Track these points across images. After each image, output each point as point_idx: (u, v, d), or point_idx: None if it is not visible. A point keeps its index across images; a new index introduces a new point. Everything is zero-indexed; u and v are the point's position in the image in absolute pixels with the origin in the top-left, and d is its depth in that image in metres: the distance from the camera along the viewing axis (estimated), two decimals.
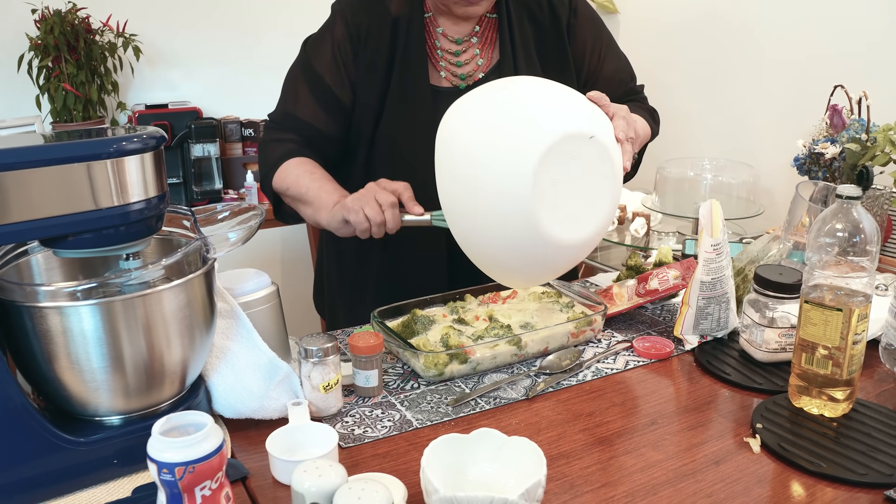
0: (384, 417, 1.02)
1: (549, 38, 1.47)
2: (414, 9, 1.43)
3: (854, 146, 1.50)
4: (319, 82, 1.43)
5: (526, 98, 1.10)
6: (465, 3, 1.37)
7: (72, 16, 2.35)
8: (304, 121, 1.43)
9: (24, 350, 0.84)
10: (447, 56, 1.44)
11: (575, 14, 1.48)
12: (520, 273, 1.17)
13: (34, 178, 0.79)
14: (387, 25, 1.42)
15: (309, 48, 1.47)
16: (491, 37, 1.46)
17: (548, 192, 1.04)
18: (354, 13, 1.43)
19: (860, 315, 0.98)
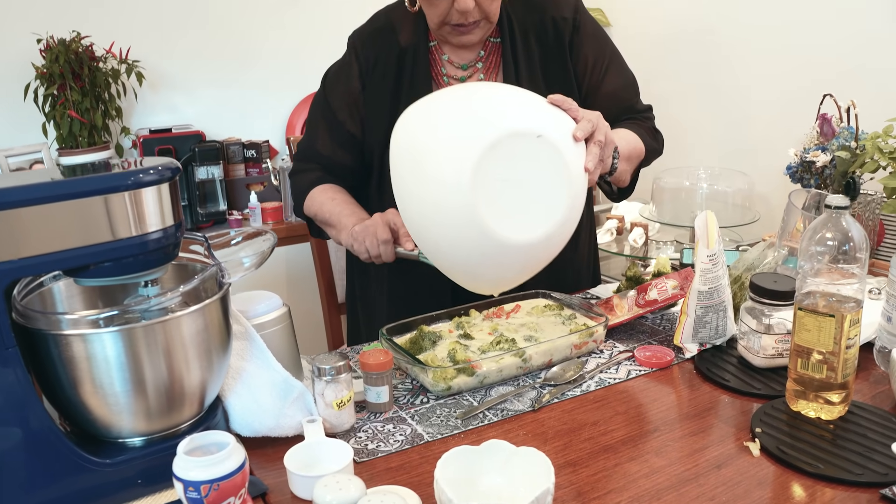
0: (396, 432, 1.06)
1: (553, 57, 1.50)
2: (419, 38, 1.49)
3: (844, 154, 1.54)
4: (333, 118, 1.54)
5: (476, 97, 1.13)
6: (457, 33, 1.42)
7: (76, 44, 2.39)
8: (323, 154, 1.56)
9: (50, 376, 0.88)
10: (453, 82, 1.49)
11: (577, 31, 1.51)
12: (482, 277, 1.20)
13: (56, 212, 0.83)
14: (394, 56, 1.49)
15: (327, 83, 1.58)
16: (496, 61, 1.50)
17: (492, 188, 1.06)
18: (365, 46, 1.52)
19: (852, 320, 1.02)
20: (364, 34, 1.55)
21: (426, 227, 1.13)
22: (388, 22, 1.53)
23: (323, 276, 2.10)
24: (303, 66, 2.86)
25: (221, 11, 2.74)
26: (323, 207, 1.50)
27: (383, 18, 1.54)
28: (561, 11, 1.50)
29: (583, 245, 1.64)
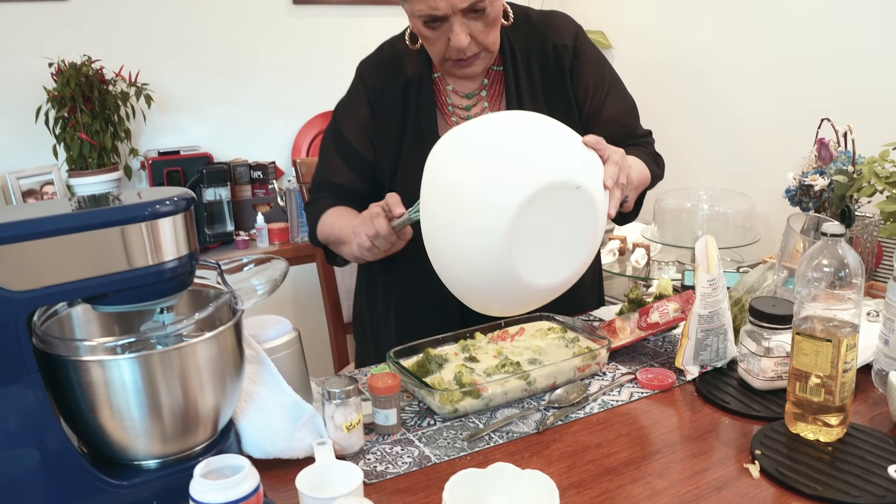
0: (404, 454, 1.08)
1: (555, 83, 1.53)
2: (424, 69, 1.53)
3: (841, 178, 1.57)
4: (347, 146, 1.58)
5: (516, 134, 1.13)
6: (459, 67, 1.45)
7: (87, 68, 2.43)
8: (338, 183, 1.59)
9: (69, 400, 0.90)
10: (458, 111, 1.53)
11: (577, 57, 1.54)
12: (495, 305, 1.23)
13: (75, 242, 0.86)
14: (400, 86, 1.53)
15: (338, 113, 1.62)
16: (499, 89, 1.54)
17: (524, 234, 1.08)
18: (371, 75, 1.56)
19: (848, 345, 1.04)
20: (371, 64, 1.59)
21: (452, 259, 1.14)
22: (394, 53, 1.57)
23: (329, 297, 2.13)
24: (308, 88, 2.90)
25: (228, 35, 2.79)
26: (332, 227, 1.53)
27: (389, 49, 1.58)
28: (562, 38, 1.53)
29: (588, 269, 1.67)
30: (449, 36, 1.38)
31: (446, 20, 1.36)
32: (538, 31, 1.54)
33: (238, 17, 2.80)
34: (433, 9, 1.34)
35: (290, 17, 2.88)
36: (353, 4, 2.97)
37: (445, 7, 1.33)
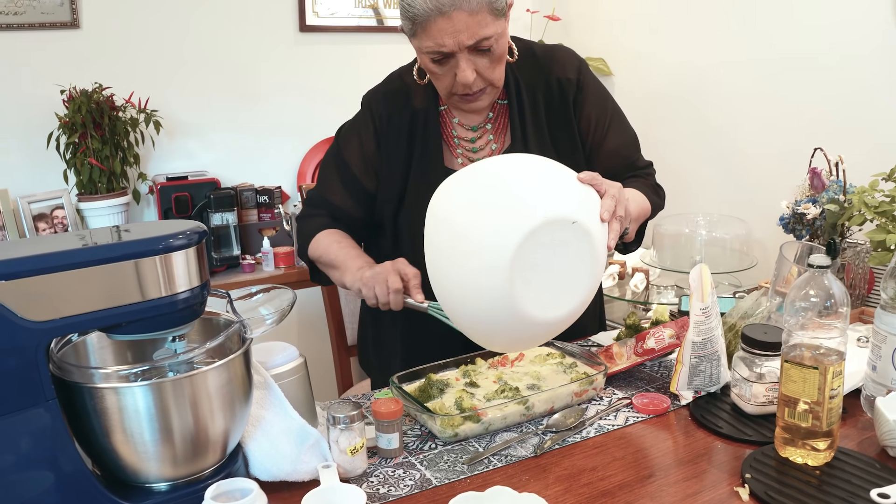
0: (406, 477, 1.12)
1: (559, 117, 1.57)
2: (430, 102, 1.57)
3: (833, 207, 1.62)
4: (347, 171, 1.60)
5: (513, 177, 1.18)
6: (465, 101, 1.49)
7: (97, 94, 2.49)
8: (334, 204, 1.61)
9: (84, 425, 0.94)
10: (463, 143, 1.58)
11: (581, 90, 1.58)
12: (499, 341, 1.26)
13: (92, 275, 0.90)
14: (407, 117, 1.57)
15: (340, 138, 1.65)
16: (504, 122, 1.58)
17: (526, 271, 1.12)
18: (379, 105, 1.60)
19: (835, 372, 1.08)
20: (379, 94, 1.62)
21: (455, 296, 1.18)
22: (402, 85, 1.60)
23: (333, 320, 2.17)
24: (313, 114, 2.96)
25: (236, 62, 2.85)
26: (329, 250, 1.55)
27: (398, 81, 1.62)
28: (565, 73, 1.58)
29: None
30: (455, 72, 1.42)
31: (453, 56, 1.41)
32: (542, 66, 1.58)
33: (246, 45, 2.86)
34: (440, 45, 1.38)
35: (296, 45, 2.95)
36: (358, 32, 3.03)
37: (452, 44, 1.38)
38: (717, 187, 2.67)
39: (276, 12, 2.91)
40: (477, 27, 1.36)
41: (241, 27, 2.85)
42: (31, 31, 2.50)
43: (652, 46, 2.88)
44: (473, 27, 1.36)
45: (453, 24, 1.36)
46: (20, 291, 0.86)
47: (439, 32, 1.37)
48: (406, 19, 1.41)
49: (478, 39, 1.37)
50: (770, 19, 2.39)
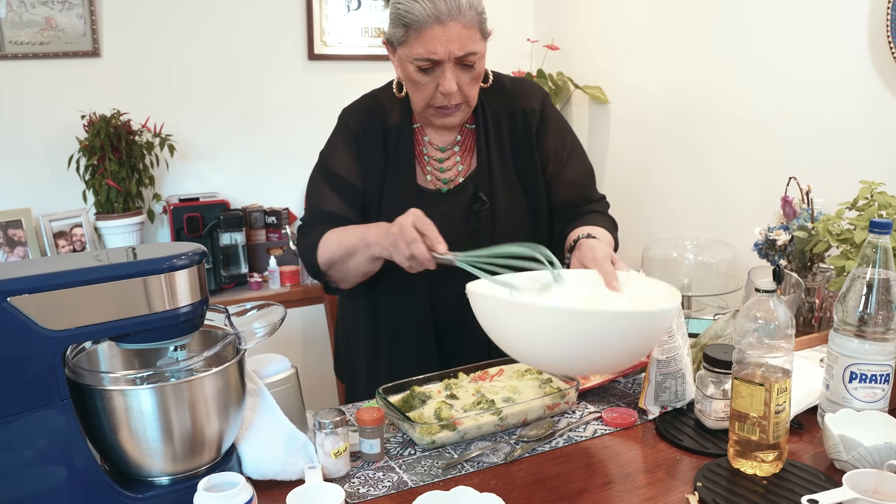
0: (385, 479, 1.22)
1: (521, 145, 1.67)
2: (404, 120, 1.66)
3: (802, 234, 1.71)
4: (335, 177, 1.66)
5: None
6: (440, 115, 1.58)
7: (115, 119, 2.63)
8: (329, 211, 1.64)
9: (94, 424, 1.06)
10: (433, 162, 1.67)
11: (544, 122, 1.69)
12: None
13: (104, 290, 1.02)
14: (380, 132, 1.65)
15: (323, 153, 1.72)
16: (470, 145, 1.68)
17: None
18: (354, 119, 1.68)
19: (779, 389, 1.18)
20: (354, 110, 1.71)
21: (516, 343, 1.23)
22: (377, 103, 1.69)
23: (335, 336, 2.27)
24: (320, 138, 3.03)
25: (247, 88, 2.99)
26: (339, 244, 1.57)
27: (373, 100, 1.71)
28: (531, 104, 1.69)
29: None
30: (439, 81, 1.51)
31: (439, 66, 1.50)
32: (510, 96, 1.69)
33: (257, 72, 3.01)
34: (431, 53, 1.48)
35: (304, 73, 3.08)
36: (363, 60, 3.17)
37: (443, 53, 1.48)
38: (705, 213, 2.76)
39: (286, 41, 3.05)
40: (468, 40, 1.47)
41: (253, 56, 2.99)
42: (56, 59, 2.65)
43: (645, 77, 2.99)
44: (465, 40, 1.47)
45: (448, 33, 1.46)
46: (41, 304, 0.97)
47: (433, 40, 1.46)
48: (400, 26, 1.50)
49: (466, 52, 1.48)
50: (757, 55, 2.50)
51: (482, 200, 1.65)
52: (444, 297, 1.64)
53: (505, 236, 1.64)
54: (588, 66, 3.26)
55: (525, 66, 3.33)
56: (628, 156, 3.15)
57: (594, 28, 3.23)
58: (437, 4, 1.45)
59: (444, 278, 1.49)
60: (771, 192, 2.08)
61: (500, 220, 1.66)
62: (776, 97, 2.46)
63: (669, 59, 2.86)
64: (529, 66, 3.34)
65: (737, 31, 2.56)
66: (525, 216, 1.69)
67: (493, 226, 1.66)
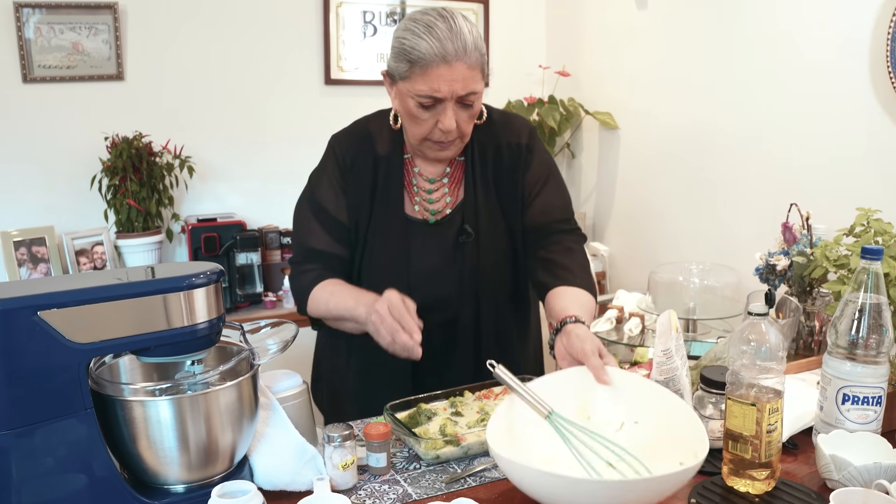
0: (390, 491, 1.27)
1: (506, 179, 1.69)
2: (395, 150, 1.67)
3: (801, 259, 1.76)
4: (323, 211, 1.66)
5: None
6: (437, 148, 1.59)
7: (137, 141, 2.72)
8: (319, 249, 1.66)
9: (114, 433, 1.11)
10: (421, 192, 1.68)
11: (529, 154, 1.70)
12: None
13: (127, 306, 1.08)
14: (370, 161, 1.66)
15: (312, 181, 1.73)
16: (458, 177, 1.69)
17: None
18: (342, 147, 1.69)
19: (771, 409, 1.22)
20: (343, 138, 1.71)
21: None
22: (367, 131, 1.69)
23: None
24: None
25: (265, 112, 3.09)
26: (328, 306, 1.59)
27: (363, 128, 1.71)
28: (517, 138, 1.71)
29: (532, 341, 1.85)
30: (439, 118, 1.52)
31: (441, 102, 1.51)
32: (498, 130, 1.70)
33: (275, 97, 3.09)
34: (435, 91, 1.49)
35: (321, 97, 3.17)
36: (378, 85, 3.22)
37: (446, 91, 1.49)
38: (710, 238, 2.81)
39: (303, 66, 3.14)
40: (471, 80, 1.51)
41: (272, 80, 3.08)
42: (81, 82, 2.75)
43: (654, 104, 3.05)
44: (468, 80, 1.50)
45: (453, 73, 1.48)
46: (68, 318, 1.04)
47: (438, 78, 1.48)
48: (404, 61, 1.51)
49: (468, 92, 1.51)
50: (761, 85, 2.55)
51: (468, 232, 1.67)
52: (429, 323, 1.66)
53: (489, 268, 1.68)
54: (598, 93, 3.33)
55: (537, 92, 3.40)
56: (636, 180, 3.20)
57: (605, 56, 3.30)
58: (445, 44, 1.47)
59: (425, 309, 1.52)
60: (774, 219, 2.13)
61: (484, 251, 1.68)
62: (779, 126, 2.51)
63: (677, 88, 2.92)
64: (541, 91, 3.41)
65: (742, 64, 2.62)
66: (506, 247, 1.71)
67: (477, 256, 1.68)
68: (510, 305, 1.76)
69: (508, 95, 3.34)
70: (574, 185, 3.58)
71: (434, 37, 1.47)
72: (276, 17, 3.07)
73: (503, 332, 1.75)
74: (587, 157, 3.48)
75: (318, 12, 3.13)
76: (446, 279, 1.68)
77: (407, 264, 1.65)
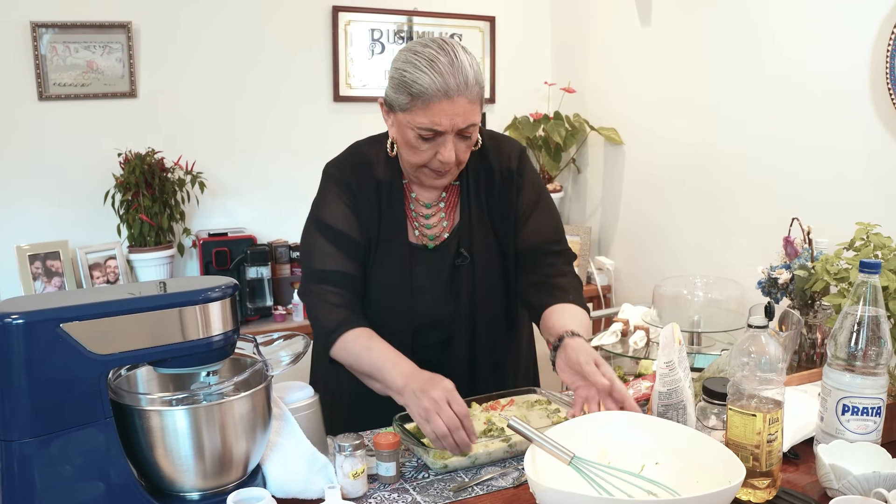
0: (399, 500, 1.30)
1: (499, 202, 1.71)
2: (395, 175, 1.67)
3: (802, 273, 1.79)
4: (332, 231, 1.64)
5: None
6: (434, 176, 1.60)
7: (150, 157, 2.77)
8: (333, 270, 1.62)
9: (132, 441, 1.15)
10: (419, 218, 1.69)
11: (521, 178, 1.72)
12: None
13: (145, 319, 1.12)
14: (373, 188, 1.66)
15: (315, 209, 1.70)
16: (454, 201, 1.71)
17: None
18: (344, 173, 1.67)
19: (771, 419, 1.25)
20: (343, 165, 1.69)
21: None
22: (364, 158, 1.69)
23: None
24: None
25: (275, 128, 3.14)
26: (360, 361, 1.53)
27: (360, 154, 1.70)
28: (508, 163, 1.72)
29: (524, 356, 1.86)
30: (438, 149, 1.53)
31: (441, 135, 1.51)
32: (490, 154, 1.72)
33: (284, 113, 3.15)
34: (435, 124, 1.49)
35: (330, 114, 3.22)
36: None
37: (447, 125, 1.49)
38: (714, 251, 2.84)
39: (312, 83, 3.20)
40: (471, 114, 1.52)
41: (281, 98, 3.13)
42: (95, 100, 2.80)
43: (658, 119, 3.09)
44: (469, 113, 1.51)
45: (454, 107, 1.48)
46: (89, 330, 1.08)
47: (439, 112, 1.48)
48: (405, 94, 1.50)
49: (468, 125, 1.52)
50: (763, 102, 2.59)
51: (464, 256, 1.69)
52: (426, 342, 1.70)
53: (483, 290, 1.71)
54: (603, 109, 3.37)
55: (543, 108, 3.44)
56: (641, 195, 3.23)
57: (609, 72, 3.35)
58: (447, 79, 1.47)
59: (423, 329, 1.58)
60: (776, 233, 2.16)
61: (480, 274, 1.70)
62: (781, 142, 2.54)
63: (681, 105, 2.96)
64: (547, 107, 3.45)
65: (745, 80, 2.66)
66: (499, 270, 1.73)
67: (472, 279, 1.70)
68: (504, 322, 1.77)
69: (515, 111, 3.38)
70: (579, 200, 3.62)
71: (436, 71, 1.47)
72: (286, 36, 3.12)
73: (497, 348, 1.77)
74: (592, 173, 3.52)
75: (326, 30, 3.19)
76: (444, 301, 1.70)
77: (410, 291, 1.67)
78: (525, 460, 1.21)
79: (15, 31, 2.67)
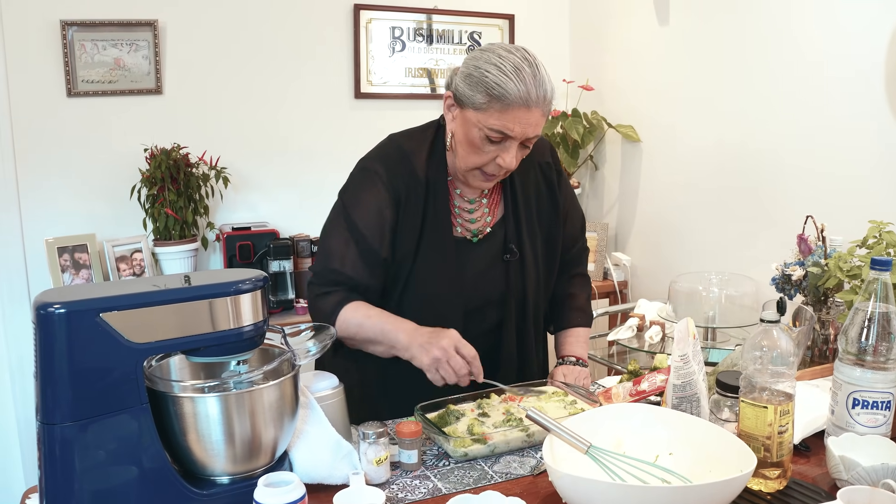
0: (421, 486, 1.35)
1: (543, 196, 1.78)
2: (439, 172, 1.68)
3: (815, 270, 1.82)
4: (362, 241, 1.63)
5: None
6: (486, 179, 1.63)
7: (175, 153, 2.83)
8: (348, 275, 1.64)
9: (166, 427, 1.20)
10: (463, 213, 1.72)
11: (559, 173, 1.80)
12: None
13: (180, 310, 1.17)
14: (421, 188, 1.65)
15: (348, 204, 1.68)
16: (497, 198, 1.76)
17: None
18: (390, 176, 1.65)
19: (782, 411, 1.28)
20: (388, 162, 1.67)
21: None
22: (402, 153, 1.68)
23: None
24: None
25: (298, 124, 3.20)
26: (363, 327, 1.60)
27: (399, 150, 1.69)
28: (544, 157, 1.79)
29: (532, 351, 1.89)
30: (500, 154, 1.56)
31: (508, 140, 1.54)
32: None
33: (307, 110, 3.20)
34: (508, 129, 1.52)
35: (351, 110, 3.27)
36: (406, 99, 3.36)
37: (519, 132, 1.53)
38: (730, 248, 2.86)
39: (334, 81, 3.25)
40: (540, 126, 1.57)
41: (304, 94, 3.19)
42: (122, 96, 2.87)
43: (675, 117, 3.11)
44: (539, 125, 1.56)
45: (530, 117, 1.52)
46: (126, 320, 1.13)
47: (514, 119, 1.52)
48: (483, 93, 1.52)
49: (535, 135, 1.57)
50: (780, 101, 2.61)
51: (513, 251, 1.74)
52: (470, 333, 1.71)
53: (533, 286, 1.76)
54: (621, 106, 3.40)
55: (561, 105, 3.47)
56: (658, 192, 3.26)
57: (627, 70, 3.37)
58: (530, 89, 1.50)
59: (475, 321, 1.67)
60: (791, 231, 2.19)
61: (529, 270, 1.75)
62: (797, 141, 2.56)
63: (698, 103, 2.98)
64: (565, 105, 3.48)
65: (761, 79, 2.68)
66: (544, 265, 1.79)
67: (522, 275, 1.75)
68: (541, 316, 1.87)
69: None
70: (597, 197, 3.66)
71: (521, 79, 1.50)
72: (309, 33, 3.17)
73: (538, 337, 1.86)
74: (610, 170, 3.55)
75: (348, 28, 3.24)
76: (491, 295, 1.75)
77: (460, 286, 1.69)
78: (543, 449, 1.26)
79: (45, 29, 2.74)
